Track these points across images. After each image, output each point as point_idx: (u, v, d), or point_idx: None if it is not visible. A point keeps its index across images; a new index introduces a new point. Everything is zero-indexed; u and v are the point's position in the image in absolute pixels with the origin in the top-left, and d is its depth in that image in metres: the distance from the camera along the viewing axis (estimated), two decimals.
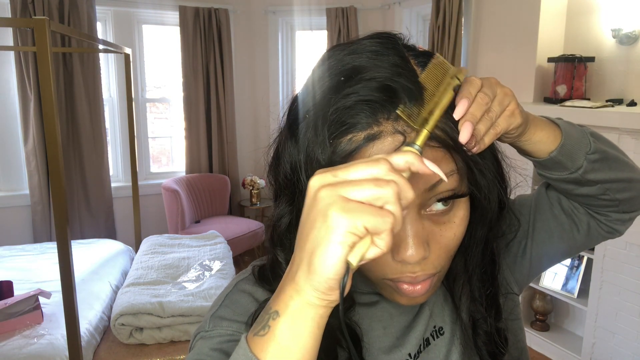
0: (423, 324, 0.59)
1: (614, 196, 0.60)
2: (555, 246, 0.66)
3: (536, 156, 0.56)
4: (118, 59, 4.07)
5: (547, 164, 0.57)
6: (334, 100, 0.45)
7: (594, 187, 0.59)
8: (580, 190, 0.59)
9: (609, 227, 0.65)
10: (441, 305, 0.61)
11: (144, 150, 4.37)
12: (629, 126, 2.28)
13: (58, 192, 1.64)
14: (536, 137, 0.54)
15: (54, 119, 1.58)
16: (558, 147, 0.55)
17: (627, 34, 2.56)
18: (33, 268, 2.90)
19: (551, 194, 0.66)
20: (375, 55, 0.46)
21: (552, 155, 0.55)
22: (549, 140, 0.55)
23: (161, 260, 2.89)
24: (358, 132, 0.44)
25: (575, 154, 0.56)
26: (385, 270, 0.48)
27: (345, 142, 0.44)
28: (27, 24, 1.78)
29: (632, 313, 2.44)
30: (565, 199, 0.65)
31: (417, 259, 0.45)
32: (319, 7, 4.34)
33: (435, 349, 0.59)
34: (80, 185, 3.98)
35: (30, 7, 3.57)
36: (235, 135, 4.50)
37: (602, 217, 0.64)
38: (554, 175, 0.58)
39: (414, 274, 0.47)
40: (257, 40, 4.57)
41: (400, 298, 0.51)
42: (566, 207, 0.65)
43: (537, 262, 0.67)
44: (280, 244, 0.53)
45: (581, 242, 0.66)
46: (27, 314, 2.22)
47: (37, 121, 3.67)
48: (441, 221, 0.48)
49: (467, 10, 3.34)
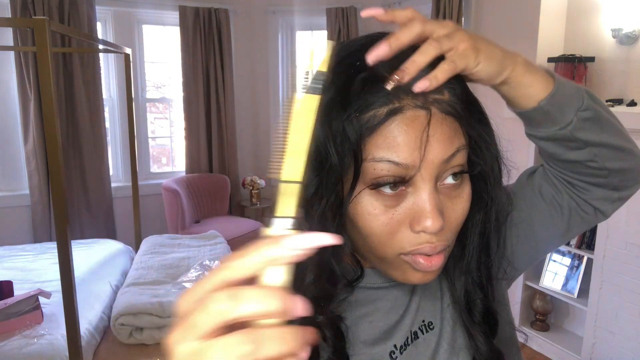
0: (411, 316, 0.59)
1: (603, 164, 0.58)
2: (536, 235, 0.64)
3: (524, 105, 0.54)
4: (118, 59, 4.07)
5: (535, 117, 0.55)
6: (353, 80, 0.47)
7: (583, 151, 0.56)
8: (568, 154, 0.57)
9: (592, 208, 0.63)
10: (431, 299, 0.61)
11: (144, 150, 4.37)
12: (629, 126, 2.27)
13: (58, 192, 1.64)
14: (525, 80, 0.52)
15: (54, 119, 1.58)
16: (549, 96, 0.53)
17: (627, 34, 2.56)
18: (33, 268, 2.90)
19: (532, 180, 0.65)
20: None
21: (542, 103, 0.53)
22: (540, 86, 0.53)
23: (161, 260, 2.89)
24: (380, 107, 0.46)
25: (566, 107, 0.54)
26: (403, 243, 0.49)
27: (369, 117, 0.46)
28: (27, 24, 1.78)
29: (632, 313, 2.44)
30: (545, 185, 0.63)
31: (437, 227, 0.47)
32: (319, 7, 4.34)
33: (424, 343, 0.58)
34: (80, 185, 3.98)
35: (30, 7, 3.57)
36: (235, 135, 4.50)
37: (586, 194, 0.61)
38: (542, 132, 0.56)
39: (432, 243, 0.49)
40: (257, 40, 4.57)
41: (414, 275, 0.51)
42: (546, 194, 0.63)
43: (520, 251, 0.65)
44: (305, 210, 0.51)
45: (564, 229, 0.64)
46: (27, 314, 2.22)
47: (37, 121, 3.67)
48: (452, 195, 0.50)
49: (467, 10, 3.34)
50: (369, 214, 0.49)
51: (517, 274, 0.68)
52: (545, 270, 2.90)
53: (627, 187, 0.63)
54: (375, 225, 0.49)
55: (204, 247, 3.16)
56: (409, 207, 0.48)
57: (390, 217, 0.49)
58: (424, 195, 0.47)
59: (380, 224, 0.49)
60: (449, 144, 0.47)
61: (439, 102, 0.47)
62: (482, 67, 0.49)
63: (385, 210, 0.48)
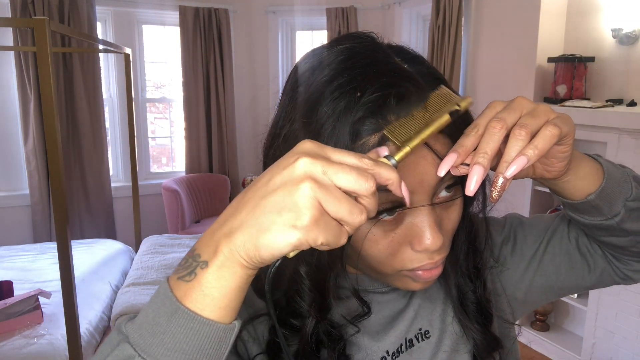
0: (405, 324, 0.58)
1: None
2: (560, 282, 0.63)
3: (571, 197, 0.51)
4: (118, 59, 4.07)
5: (582, 208, 0.51)
6: (342, 113, 0.44)
7: (626, 239, 0.54)
8: (609, 239, 0.55)
9: (625, 275, 0.61)
10: (429, 308, 0.60)
11: (144, 150, 4.37)
12: (629, 126, 2.28)
13: (58, 192, 1.64)
14: (581, 171, 0.48)
15: (54, 119, 1.58)
16: (598, 190, 0.49)
17: (627, 34, 2.56)
18: (33, 268, 2.90)
19: (571, 229, 0.62)
20: (371, 65, 0.46)
21: (590, 198, 0.49)
22: (591, 179, 0.49)
23: (161, 260, 2.89)
24: (370, 135, 0.44)
25: (615, 198, 0.50)
26: (404, 262, 0.49)
27: (359, 147, 0.44)
28: (27, 24, 1.78)
29: (632, 313, 2.44)
30: (584, 238, 0.61)
31: (437, 245, 0.46)
32: (319, 7, 4.33)
33: (419, 351, 0.58)
34: (80, 185, 3.98)
35: (30, 7, 3.57)
36: (235, 135, 4.50)
37: (621, 265, 0.60)
38: (586, 220, 0.53)
39: (433, 259, 0.48)
40: (257, 40, 4.57)
41: (415, 284, 0.51)
42: (583, 248, 0.61)
43: (537, 289, 0.64)
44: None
45: (590, 284, 0.63)
46: (27, 314, 2.22)
47: (37, 121, 3.67)
48: (447, 205, 0.50)
49: (467, 10, 3.34)
50: (368, 240, 0.48)
51: (527, 309, 0.67)
52: None
53: None
54: (375, 250, 0.48)
55: None
56: (407, 227, 0.48)
57: (390, 240, 0.48)
58: (422, 216, 0.47)
59: (380, 248, 0.48)
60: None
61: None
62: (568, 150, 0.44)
63: (385, 234, 0.48)
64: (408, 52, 0.50)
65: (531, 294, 0.65)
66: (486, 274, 0.60)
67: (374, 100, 0.43)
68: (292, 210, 0.33)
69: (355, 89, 0.44)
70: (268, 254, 0.34)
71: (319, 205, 0.33)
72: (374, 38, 0.51)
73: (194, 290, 0.36)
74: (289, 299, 0.52)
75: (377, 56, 0.47)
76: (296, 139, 0.45)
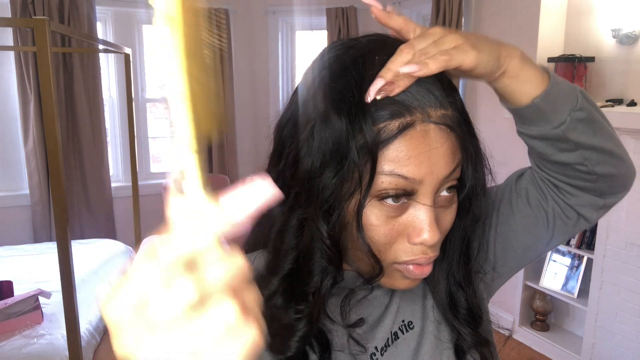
0: (391, 318, 0.59)
1: (593, 168, 0.57)
2: (520, 240, 0.64)
3: (518, 102, 0.54)
4: (118, 59, 4.06)
5: (528, 115, 0.54)
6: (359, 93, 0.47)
7: (574, 153, 0.56)
8: (558, 155, 0.56)
9: (576, 214, 0.62)
10: (411, 299, 0.60)
11: (144, 150, 4.37)
12: (629, 126, 2.28)
13: (58, 192, 1.64)
14: (522, 75, 0.52)
15: (54, 119, 1.58)
16: (543, 93, 0.52)
17: (627, 34, 2.56)
18: (33, 268, 2.90)
19: (519, 185, 0.64)
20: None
21: (536, 101, 0.53)
22: (535, 82, 0.53)
23: None
24: (391, 120, 0.46)
25: (560, 105, 0.53)
26: (399, 253, 0.50)
27: (380, 129, 0.47)
28: (27, 24, 1.78)
29: (632, 313, 2.44)
30: (532, 189, 0.63)
31: (434, 240, 0.48)
32: (319, 7, 4.33)
33: (404, 342, 0.58)
34: (80, 185, 3.98)
35: (30, 7, 3.57)
36: (235, 135, 4.50)
37: (571, 199, 0.61)
38: (534, 130, 0.55)
39: (427, 255, 0.50)
40: (257, 40, 4.57)
41: (402, 282, 0.53)
42: (532, 198, 0.63)
43: (501, 256, 0.65)
44: (278, 244, 0.52)
45: (548, 236, 0.63)
46: (27, 314, 2.22)
47: (37, 121, 3.67)
48: (445, 206, 0.52)
49: (467, 10, 3.34)
50: (371, 225, 0.49)
51: (501, 280, 0.67)
52: (545, 270, 2.90)
53: (614, 194, 0.62)
54: (375, 235, 0.50)
55: None
56: (409, 219, 0.49)
57: (390, 228, 0.49)
58: (424, 209, 0.49)
59: (381, 235, 0.50)
60: (451, 160, 0.49)
61: (445, 117, 0.48)
62: (480, 61, 0.49)
63: (387, 220, 0.49)
64: None
65: (498, 264, 0.65)
66: (477, 280, 0.61)
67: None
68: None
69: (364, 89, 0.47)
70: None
71: None
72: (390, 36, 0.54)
73: None
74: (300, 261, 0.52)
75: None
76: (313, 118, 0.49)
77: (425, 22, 3.99)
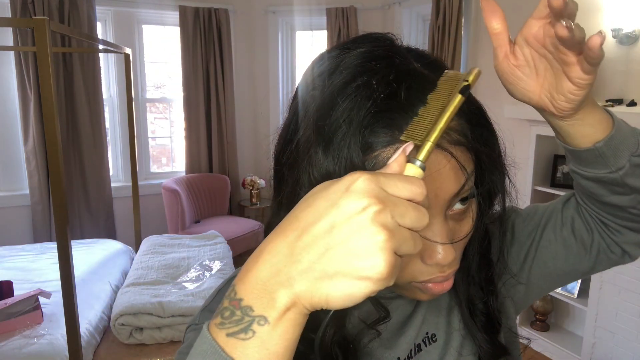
0: (415, 329, 0.58)
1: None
2: (559, 268, 0.63)
3: (578, 144, 0.51)
4: (118, 59, 4.07)
5: (586, 157, 0.51)
6: (355, 122, 0.43)
7: (627, 197, 0.53)
8: (611, 197, 0.54)
9: (621, 250, 0.60)
10: (436, 311, 0.60)
11: (144, 150, 4.37)
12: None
13: (58, 192, 1.64)
14: (590, 118, 0.49)
15: (54, 119, 1.58)
16: (606, 138, 0.49)
17: (627, 34, 2.56)
18: (33, 268, 2.90)
19: (566, 213, 0.62)
20: (387, 69, 0.45)
21: (598, 145, 0.49)
22: (600, 126, 0.50)
23: (161, 260, 2.89)
24: (385, 147, 0.43)
25: (621, 151, 0.50)
26: (415, 274, 0.48)
27: (372, 159, 0.43)
28: (27, 24, 1.78)
29: (632, 313, 2.44)
30: (578, 219, 0.61)
31: (449, 260, 0.46)
32: (319, 7, 4.34)
33: (427, 355, 0.57)
34: (80, 185, 3.98)
35: (30, 7, 3.57)
36: (235, 135, 4.50)
37: (618, 237, 0.59)
38: (590, 172, 0.53)
39: (444, 273, 0.48)
40: (257, 40, 4.57)
41: (423, 295, 0.51)
42: (578, 231, 0.61)
43: (537, 278, 0.64)
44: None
45: (589, 267, 0.62)
46: (27, 314, 2.22)
47: (37, 121, 3.67)
48: (460, 218, 0.49)
49: (467, 10, 3.34)
50: None
51: (529, 300, 0.67)
52: None
53: None
54: None
55: (204, 247, 3.16)
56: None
57: None
58: (434, 229, 0.46)
59: None
60: (457, 178, 0.45)
61: (447, 132, 0.44)
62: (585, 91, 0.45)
63: None
64: (427, 57, 0.49)
65: (531, 284, 0.64)
66: (499, 285, 0.60)
67: (385, 106, 0.42)
68: (366, 259, 0.32)
69: (369, 97, 0.42)
70: (339, 304, 0.34)
71: (393, 253, 0.33)
72: (393, 40, 0.49)
73: (255, 349, 0.34)
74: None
75: (394, 61, 0.46)
76: (309, 146, 0.44)
77: (425, 22, 3.99)
